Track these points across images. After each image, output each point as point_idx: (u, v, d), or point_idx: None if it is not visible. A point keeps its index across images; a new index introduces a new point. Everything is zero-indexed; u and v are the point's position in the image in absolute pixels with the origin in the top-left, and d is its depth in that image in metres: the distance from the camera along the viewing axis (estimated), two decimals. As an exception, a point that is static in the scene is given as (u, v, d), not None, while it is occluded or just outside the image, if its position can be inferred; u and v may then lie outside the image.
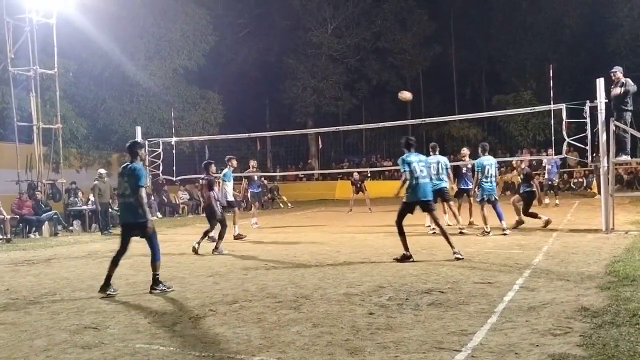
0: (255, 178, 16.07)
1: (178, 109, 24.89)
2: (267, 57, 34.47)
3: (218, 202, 10.82)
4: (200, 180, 11.19)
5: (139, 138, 16.87)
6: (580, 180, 25.18)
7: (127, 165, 7.35)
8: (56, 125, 18.82)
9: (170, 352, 4.55)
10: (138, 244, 7.40)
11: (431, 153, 11.85)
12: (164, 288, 7.02)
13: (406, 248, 8.50)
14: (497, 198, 11.79)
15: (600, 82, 11.33)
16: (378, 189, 24.70)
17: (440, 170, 11.65)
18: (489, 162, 11.63)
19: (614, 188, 11.84)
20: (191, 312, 5.87)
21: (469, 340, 4.50)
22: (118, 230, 16.77)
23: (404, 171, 8.56)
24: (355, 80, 35.63)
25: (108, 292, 6.91)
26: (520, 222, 12.11)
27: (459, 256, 8.34)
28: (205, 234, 10.65)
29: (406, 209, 8.66)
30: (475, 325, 4.92)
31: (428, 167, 8.92)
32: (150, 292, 6.96)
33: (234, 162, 12.83)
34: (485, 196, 11.55)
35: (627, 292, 5.77)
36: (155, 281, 7.07)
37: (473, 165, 13.10)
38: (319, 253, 9.90)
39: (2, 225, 14.94)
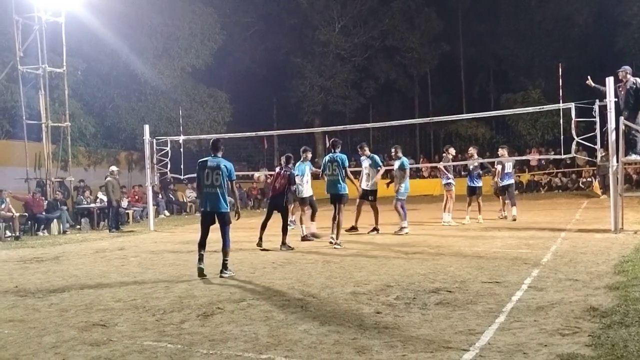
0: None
1: (186, 108, 24.93)
2: (275, 55, 34.46)
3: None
4: (281, 172, 11.12)
5: (146, 136, 16.91)
6: (589, 180, 25.06)
7: (211, 159, 8.18)
8: (65, 123, 18.91)
9: (178, 350, 4.56)
10: (141, 242, 7.41)
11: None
12: (231, 274, 7.84)
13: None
14: None
15: (609, 81, 11.25)
16: (385, 187, 24.61)
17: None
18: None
19: (623, 188, 11.77)
20: (199, 310, 5.89)
21: (476, 340, 4.48)
22: (127, 228, 16.96)
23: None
24: (362, 78, 35.55)
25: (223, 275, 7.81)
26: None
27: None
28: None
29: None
30: (483, 324, 4.90)
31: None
32: (220, 276, 7.76)
33: (309, 155, 12.44)
34: None
35: (636, 292, 5.73)
36: (225, 266, 7.90)
37: (481, 164, 13.68)
38: (326, 252, 9.90)
39: (11, 223, 15.04)
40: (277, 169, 11.47)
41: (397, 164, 12.72)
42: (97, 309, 6.13)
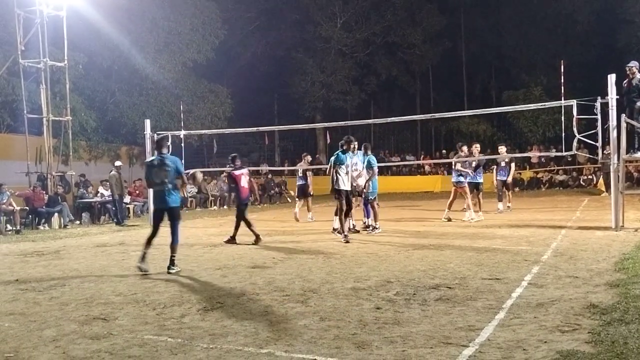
0: (300, 171, 15.95)
1: (187, 103, 24.93)
2: (276, 51, 34.41)
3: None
4: (237, 172, 11.16)
5: (147, 131, 16.91)
6: (589, 177, 25.06)
7: (156, 157, 8.33)
8: (66, 117, 18.91)
9: (179, 344, 4.57)
10: (142, 237, 7.43)
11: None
12: (178, 269, 7.86)
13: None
14: None
15: (611, 78, 11.23)
16: (385, 184, 24.65)
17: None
18: None
19: (624, 185, 11.76)
20: (199, 304, 5.90)
21: (476, 336, 4.49)
22: (131, 222, 16.96)
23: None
24: (364, 75, 35.51)
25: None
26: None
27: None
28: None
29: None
30: (483, 321, 4.91)
31: None
32: (168, 273, 7.75)
33: (351, 146, 11.59)
34: None
35: (637, 289, 5.73)
36: (172, 262, 7.95)
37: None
38: (327, 247, 9.91)
39: (12, 217, 15.06)
40: (234, 171, 11.17)
41: (365, 162, 12.40)
42: (97, 303, 6.14)
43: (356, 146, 11.59)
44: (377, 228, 11.96)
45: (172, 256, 7.94)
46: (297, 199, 16.53)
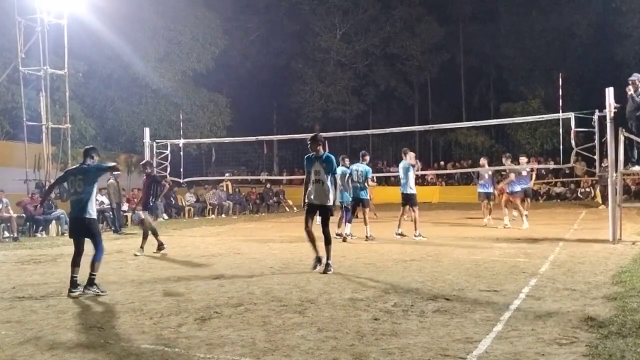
0: None
1: (186, 112, 25.02)
2: (276, 61, 34.57)
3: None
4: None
5: (147, 139, 16.92)
6: (587, 190, 25.10)
7: (77, 167, 7.61)
8: (65, 125, 18.93)
9: (175, 354, 4.56)
10: (139, 245, 7.40)
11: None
12: (97, 291, 7.05)
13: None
14: None
15: (609, 92, 11.25)
16: (384, 194, 24.69)
17: None
18: None
19: (621, 198, 11.78)
20: (196, 314, 5.88)
21: (474, 348, 4.48)
22: (129, 231, 16.92)
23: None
24: (363, 85, 35.67)
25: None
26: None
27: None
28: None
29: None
30: (481, 333, 4.90)
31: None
32: (83, 292, 7.02)
33: (367, 158, 12.87)
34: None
35: (634, 302, 5.73)
36: (90, 281, 7.13)
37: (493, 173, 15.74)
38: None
39: (9, 224, 15.02)
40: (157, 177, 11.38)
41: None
42: (94, 311, 6.13)
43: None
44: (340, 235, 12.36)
45: (91, 275, 7.16)
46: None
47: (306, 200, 8.54)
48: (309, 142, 8.57)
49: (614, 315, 5.30)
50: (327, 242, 8.35)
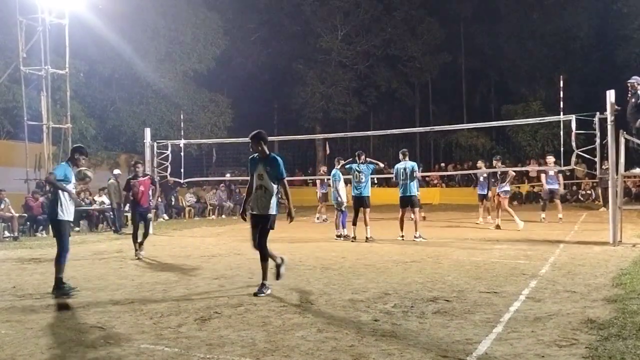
0: (325, 180, 17.71)
1: (187, 112, 25.02)
2: (277, 62, 34.56)
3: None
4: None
5: (147, 140, 16.92)
6: (588, 192, 25.09)
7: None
8: (66, 125, 18.95)
9: (175, 354, 4.56)
10: (148, 248, 7.40)
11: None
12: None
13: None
14: None
15: (610, 94, 11.25)
16: (383, 196, 24.69)
17: None
18: None
19: (622, 200, 11.77)
20: (196, 313, 5.88)
21: (474, 350, 4.48)
22: (129, 231, 16.91)
23: None
24: (364, 86, 35.65)
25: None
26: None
27: None
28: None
29: None
30: (481, 334, 4.90)
31: None
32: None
33: (362, 157, 13.01)
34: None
35: (634, 305, 5.73)
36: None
37: (489, 175, 15.97)
38: (325, 258, 9.90)
39: (10, 223, 15.04)
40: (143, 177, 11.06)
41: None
42: (94, 311, 6.13)
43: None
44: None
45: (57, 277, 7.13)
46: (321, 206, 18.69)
47: (248, 210, 7.40)
48: (249, 140, 7.27)
49: (614, 317, 5.29)
50: (263, 258, 7.15)
